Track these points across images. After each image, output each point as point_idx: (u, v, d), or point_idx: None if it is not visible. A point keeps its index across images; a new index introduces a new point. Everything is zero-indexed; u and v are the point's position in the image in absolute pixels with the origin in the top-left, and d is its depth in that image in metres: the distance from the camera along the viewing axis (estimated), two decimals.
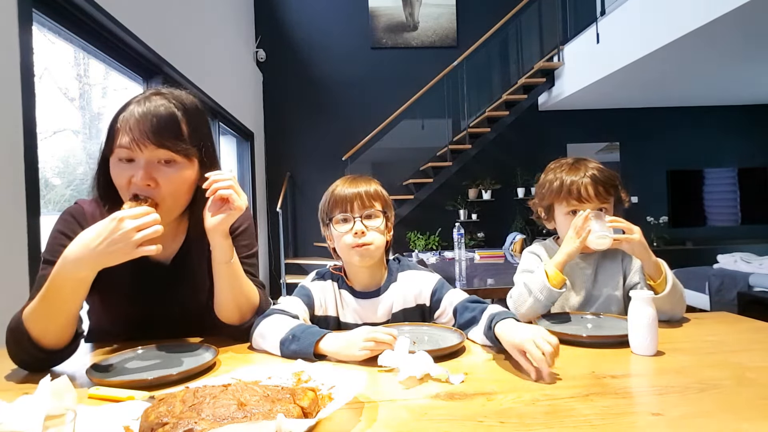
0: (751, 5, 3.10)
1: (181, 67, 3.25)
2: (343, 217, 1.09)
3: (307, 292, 1.12)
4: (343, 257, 1.13)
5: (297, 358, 0.83)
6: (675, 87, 5.40)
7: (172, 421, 0.55)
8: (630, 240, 1.10)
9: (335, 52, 6.38)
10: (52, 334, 0.85)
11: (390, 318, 1.13)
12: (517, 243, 4.77)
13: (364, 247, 1.07)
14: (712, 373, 0.78)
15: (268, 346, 0.93)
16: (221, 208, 0.92)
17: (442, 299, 1.12)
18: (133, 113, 0.90)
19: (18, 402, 0.55)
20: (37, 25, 1.98)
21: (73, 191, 2.95)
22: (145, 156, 0.89)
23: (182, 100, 0.97)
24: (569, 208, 1.22)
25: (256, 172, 5.71)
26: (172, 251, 1.06)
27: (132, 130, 0.89)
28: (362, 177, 1.15)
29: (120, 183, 0.92)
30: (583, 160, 1.26)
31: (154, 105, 0.91)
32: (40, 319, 0.84)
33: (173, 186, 0.93)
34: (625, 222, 1.13)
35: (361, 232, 1.06)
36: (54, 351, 0.86)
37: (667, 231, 6.31)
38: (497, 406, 0.67)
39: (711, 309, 3.72)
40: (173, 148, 0.91)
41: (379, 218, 1.10)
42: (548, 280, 1.12)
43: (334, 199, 1.11)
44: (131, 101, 0.94)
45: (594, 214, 1.14)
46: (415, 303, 1.15)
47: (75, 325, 0.88)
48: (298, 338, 0.89)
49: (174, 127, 0.92)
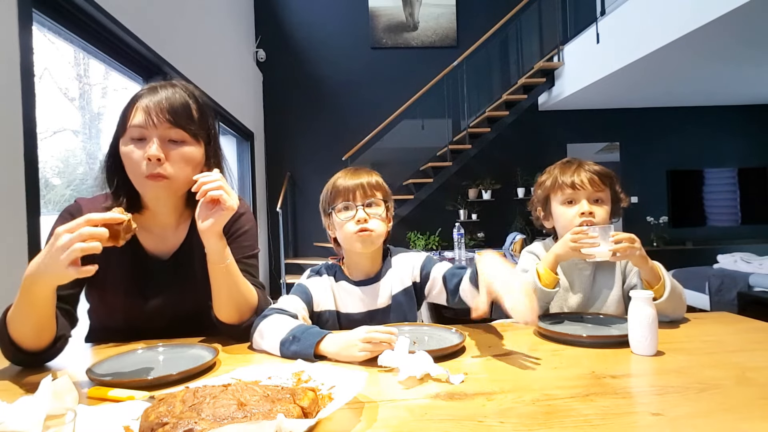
0: (750, 6, 3.10)
1: (181, 67, 3.25)
2: (345, 205, 1.11)
3: (304, 289, 1.13)
4: (345, 245, 1.15)
5: (297, 359, 0.83)
6: (675, 87, 5.40)
7: (172, 421, 0.55)
8: (631, 255, 1.08)
9: (335, 52, 6.38)
10: (29, 337, 0.85)
11: (391, 302, 1.15)
12: (517, 243, 4.78)
13: (366, 233, 1.08)
14: (712, 373, 0.78)
15: (267, 346, 0.93)
16: (213, 210, 0.92)
17: (431, 272, 1.16)
18: (147, 96, 0.96)
19: (19, 402, 0.55)
20: (37, 25, 1.98)
21: (73, 191, 2.95)
22: (158, 133, 0.94)
23: (192, 91, 1.04)
24: (564, 197, 1.23)
25: (256, 172, 5.71)
26: (172, 246, 1.06)
27: (147, 110, 0.94)
28: (363, 169, 1.16)
29: (131, 160, 0.95)
30: (577, 159, 1.28)
31: (169, 91, 0.98)
32: (16, 322, 0.84)
33: (183, 161, 0.97)
34: (628, 239, 1.09)
35: (364, 219, 1.08)
36: (34, 352, 0.87)
37: (667, 231, 6.31)
38: (497, 406, 0.67)
39: (711, 309, 3.72)
40: (185, 127, 0.97)
41: (381, 206, 1.12)
42: (539, 279, 1.13)
43: (336, 189, 1.12)
44: (143, 89, 0.99)
45: (601, 228, 1.11)
46: (411, 282, 1.18)
47: (52, 329, 0.87)
48: (298, 339, 0.89)
49: (186, 110, 0.98)
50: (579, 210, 1.19)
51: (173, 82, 1.02)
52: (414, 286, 1.19)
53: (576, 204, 1.21)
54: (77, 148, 3.16)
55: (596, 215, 1.19)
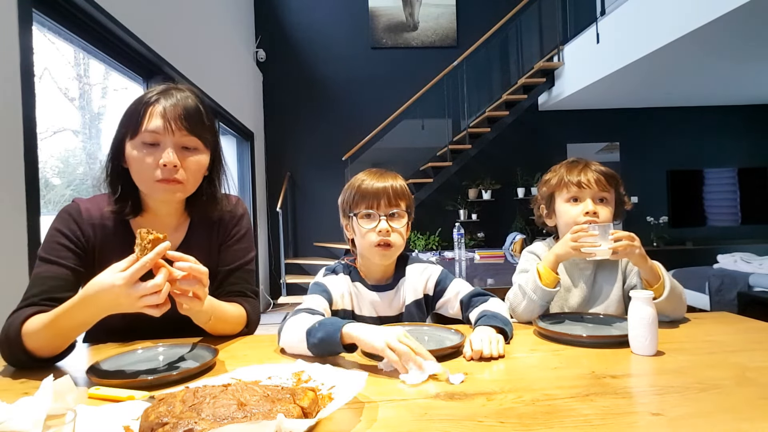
0: (751, 5, 3.10)
1: (181, 67, 3.25)
2: (367, 213, 1.10)
3: (324, 287, 1.12)
4: (363, 252, 1.14)
5: (323, 350, 0.85)
6: (675, 87, 5.40)
7: (172, 421, 0.55)
8: (630, 254, 1.08)
9: (335, 52, 6.37)
10: (47, 349, 0.86)
11: (403, 311, 1.15)
12: (517, 243, 4.78)
13: (387, 247, 1.08)
14: (712, 373, 0.78)
15: (295, 339, 0.90)
16: (188, 299, 0.86)
17: (447, 288, 1.16)
18: (161, 102, 0.96)
19: (19, 402, 0.55)
20: (37, 25, 1.98)
21: (73, 191, 2.95)
22: (174, 139, 0.95)
23: (198, 94, 1.04)
24: (569, 195, 1.23)
25: (256, 172, 5.71)
26: (173, 244, 1.06)
27: (165, 115, 0.95)
28: (389, 172, 1.15)
29: (142, 165, 0.95)
30: (583, 159, 1.28)
31: (182, 96, 0.99)
32: (40, 334, 0.84)
33: (195, 169, 0.99)
34: (627, 237, 1.09)
35: (386, 231, 1.08)
36: (45, 359, 0.87)
37: (667, 231, 6.31)
38: (497, 406, 0.67)
39: (711, 309, 3.72)
40: (201, 135, 0.99)
41: (404, 219, 1.12)
42: (540, 279, 1.13)
43: (360, 192, 1.11)
44: (152, 92, 0.98)
45: (600, 226, 1.11)
46: (423, 294, 1.18)
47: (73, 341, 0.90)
48: (324, 324, 0.88)
49: (201, 117, 1.00)
50: (584, 209, 1.19)
51: (179, 86, 1.02)
52: (425, 298, 1.18)
53: (581, 202, 1.21)
54: (77, 148, 3.16)
55: (600, 215, 1.19)
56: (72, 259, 0.96)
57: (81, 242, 0.99)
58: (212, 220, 1.11)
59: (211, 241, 1.11)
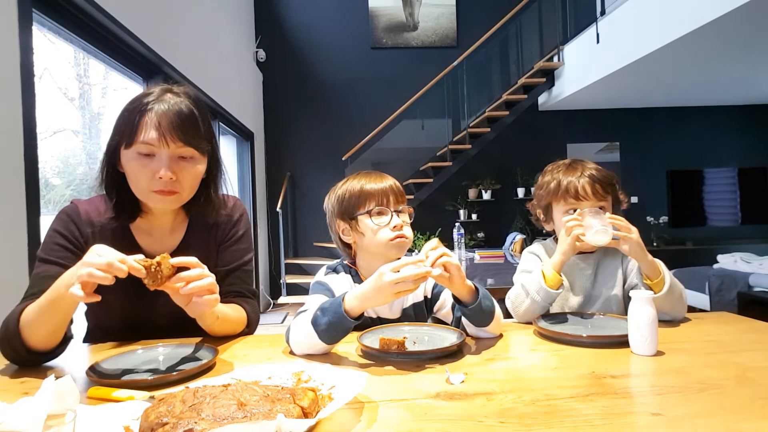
0: (751, 5, 3.10)
1: (181, 67, 3.25)
2: (380, 210, 1.10)
3: (326, 286, 1.12)
4: (374, 250, 1.11)
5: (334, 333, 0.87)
6: (675, 87, 5.40)
7: (172, 421, 0.55)
8: (628, 239, 1.09)
9: (335, 52, 6.37)
10: (41, 337, 0.87)
11: (401, 315, 1.15)
12: (517, 243, 4.78)
13: (404, 239, 1.09)
14: (712, 373, 0.78)
15: (303, 336, 0.90)
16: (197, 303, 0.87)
17: (442, 292, 1.16)
18: (155, 110, 0.93)
19: (19, 402, 0.55)
20: (37, 25, 1.98)
21: (73, 191, 2.95)
22: (169, 151, 0.94)
23: (192, 96, 1.02)
24: (567, 206, 1.22)
25: (256, 172, 5.71)
26: (170, 247, 1.07)
27: (159, 126, 0.93)
28: (379, 173, 1.15)
29: (138, 175, 0.95)
30: (580, 161, 1.26)
31: (175, 102, 0.96)
32: (33, 323, 0.85)
33: (191, 178, 0.99)
34: (624, 221, 1.12)
35: (400, 226, 1.09)
36: (41, 353, 0.88)
37: (667, 231, 6.31)
38: (497, 406, 0.67)
39: (711, 309, 3.72)
40: (197, 145, 0.97)
41: (407, 213, 1.14)
42: (545, 281, 1.13)
43: (365, 193, 1.10)
44: (146, 98, 0.95)
45: (593, 211, 1.14)
46: (423, 296, 1.18)
47: (65, 330, 0.90)
48: (325, 309, 0.89)
49: (196, 125, 0.98)
50: None
51: (174, 89, 1.00)
52: (425, 301, 1.18)
53: None
54: (77, 148, 3.16)
55: None
56: (70, 259, 0.96)
57: (79, 243, 0.99)
58: (211, 221, 1.11)
59: (209, 242, 1.11)
